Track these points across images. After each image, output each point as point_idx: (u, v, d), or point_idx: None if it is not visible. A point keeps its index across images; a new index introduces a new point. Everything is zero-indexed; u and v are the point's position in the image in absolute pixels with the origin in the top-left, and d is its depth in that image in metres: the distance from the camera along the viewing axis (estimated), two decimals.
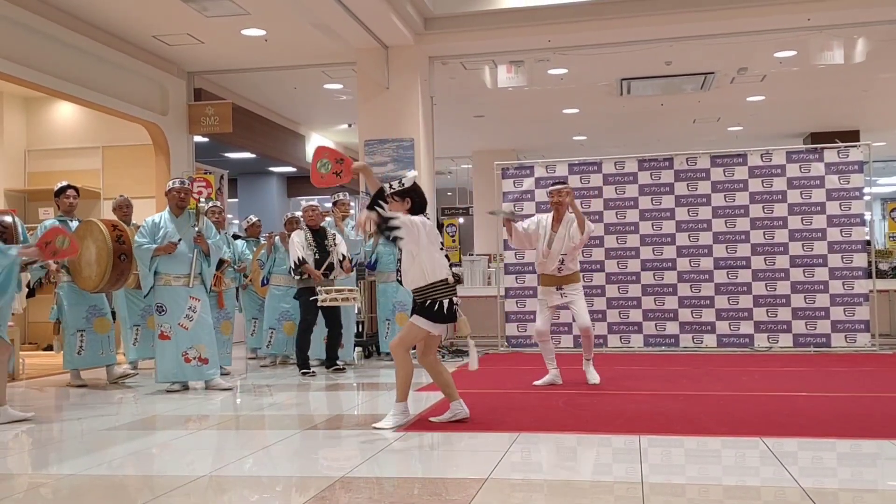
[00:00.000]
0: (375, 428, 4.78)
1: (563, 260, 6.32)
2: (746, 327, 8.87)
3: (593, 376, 6.47)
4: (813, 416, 5.03)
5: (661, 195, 9.15)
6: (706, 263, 8.99)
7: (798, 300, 8.77)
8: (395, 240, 4.75)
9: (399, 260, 8.41)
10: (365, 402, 6.08)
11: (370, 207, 4.85)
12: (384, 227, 4.68)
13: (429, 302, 4.84)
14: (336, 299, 6.96)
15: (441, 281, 4.85)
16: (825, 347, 8.64)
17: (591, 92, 12.29)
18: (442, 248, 4.96)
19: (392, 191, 4.89)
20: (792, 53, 10.34)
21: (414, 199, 4.88)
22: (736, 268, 8.93)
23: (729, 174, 9.04)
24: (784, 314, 8.79)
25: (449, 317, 4.89)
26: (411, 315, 4.97)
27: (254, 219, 9.52)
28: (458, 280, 4.92)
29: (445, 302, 4.85)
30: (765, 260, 8.88)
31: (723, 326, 8.92)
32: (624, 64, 10.78)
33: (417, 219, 4.80)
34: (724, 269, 8.95)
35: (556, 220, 6.40)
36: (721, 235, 9.00)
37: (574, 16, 9.32)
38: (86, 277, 6.71)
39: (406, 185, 4.88)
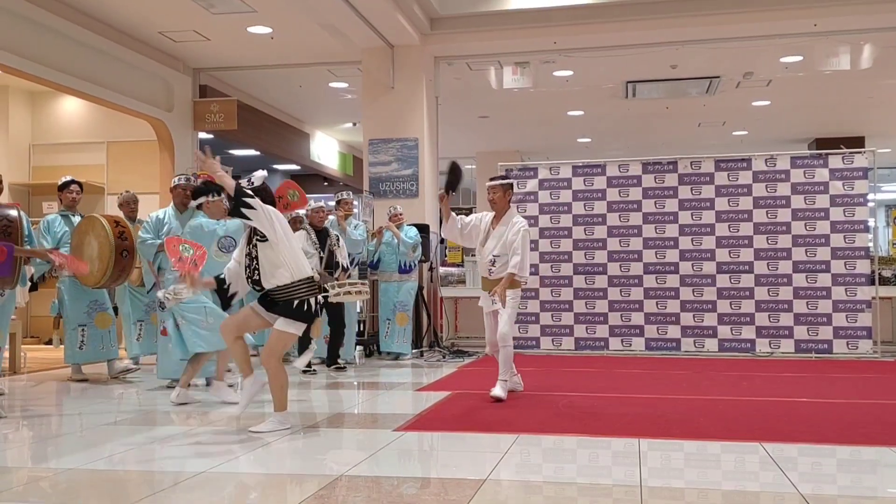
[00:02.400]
0: (252, 431, 4.65)
1: (493, 261, 5.84)
2: (748, 332, 8.86)
3: (496, 390, 5.77)
4: (813, 422, 5.02)
5: (665, 199, 9.14)
6: (709, 268, 8.98)
7: (800, 306, 8.76)
8: (241, 215, 4.52)
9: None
10: (365, 401, 6.08)
11: (235, 206, 4.54)
12: (237, 199, 4.49)
13: (297, 302, 4.63)
14: (350, 293, 6.91)
15: (308, 279, 4.68)
16: (827, 354, 8.63)
17: (596, 94, 12.29)
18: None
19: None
20: (798, 59, 10.33)
21: (263, 199, 4.70)
22: (738, 272, 8.92)
23: (733, 178, 9.03)
24: (786, 320, 8.78)
25: (313, 316, 4.73)
26: (269, 313, 4.70)
27: None
28: (314, 279, 4.68)
29: (312, 301, 4.69)
30: (767, 265, 8.87)
31: (724, 331, 8.91)
32: (629, 67, 10.77)
33: (272, 210, 4.65)
34: (727, 273, 8.94)
35: (496, 218, 5.97)
36: (724, 240, 8.99)
37: (580, 18, 9.32)
38: (87, 273, 6.71)
39: (255, 185, 4.77)
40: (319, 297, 4.74)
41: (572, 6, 9.24)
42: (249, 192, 4.61)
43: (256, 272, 4.70)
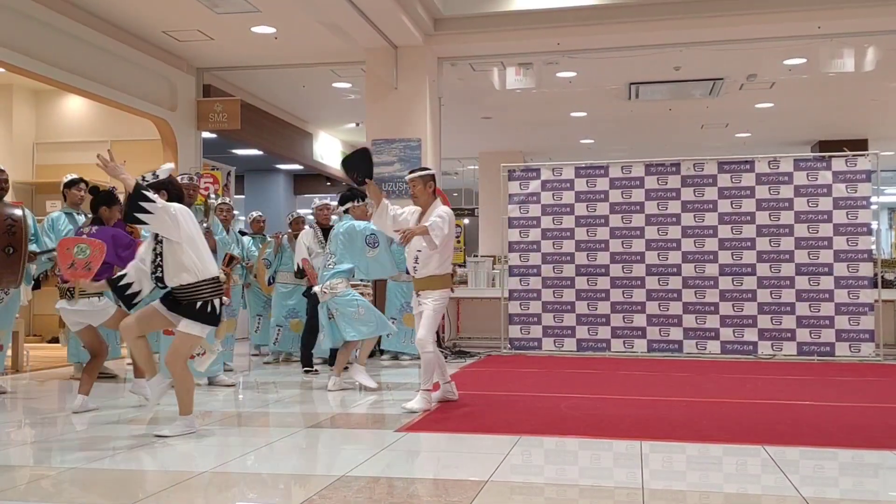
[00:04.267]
0: (157, 435, 4.54)
1: (416, 258, 5.52)
2: (750, 335, 8.85)
3: (412, 402, 5.46)
4: (815, 425, 5.02)
5: (668, 200, 9.13)
6: (711, 269, 8.98)
7: (803, 308, 8.75)
8: (137, 221, 4.38)
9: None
10: (367, 402, 6.09)
11: (129, 211, 4.39)
12: (131, 205, 4.31)
13: (200, 303, 4.50)
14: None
15: (213, 279, 4.56)
16: (829, 356, 8.62)
17: (600, 95, 12.28)
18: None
19: (146, 183, 4.56)
20: (801, 61, 10.32)
21: (171, 192, 4.58)
22: (741, 275, 8.91)
23: (736, 180, 9.03)
24: (788, 322, 8.77)
25: (218, 318, 4.60)
26: (171, 312, 4.58)
27: (254, 214, 9.54)
28: (220, 280, 4.59)
29: (216, 302, 4.56)
30: (770, 267, 8.86)
31: (727, 333, 8.90)
32: (633, 68, 10.77)
33: (177, 207, 4.52)
34: (729, 275, 8.93)
35: (422, 213, 5.67)
36: (727, 242, 8.98)
37: (584, 19, 9.31)
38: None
39: (161, 178, 4.61)
40: (225, 298, 4.54)
41: (576, 7, 9.23)
42: (149, 195, 4.38)
43: (160, 269, 4.55)
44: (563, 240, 9.32)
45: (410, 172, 5.78)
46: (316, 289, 6.49)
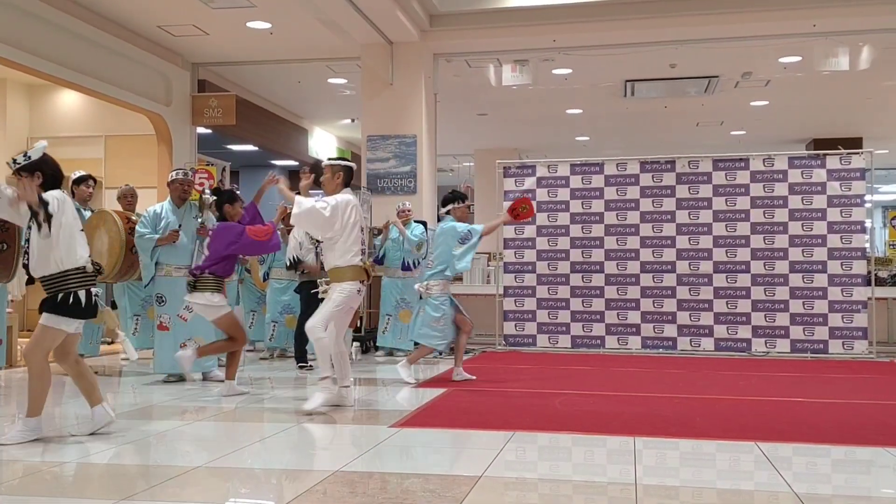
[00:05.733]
0: None
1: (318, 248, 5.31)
2: (744, 332, 8.87)
3: (311, 400, 5.21)
4: (808, 421, 5.04)
5: (663, 198, 9.15)
6: (706, 267, 8.99)
7: (797, 306, 8.78)
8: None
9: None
10: (361, 397, 6.09)
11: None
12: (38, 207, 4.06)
13: (61, 295, 4.20)
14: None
15: (77, 269, 4.25)
16: (822, 354, 8.65)
17: (595, 93, 12.30)
18: (82, 230, 4.42)
19: (17, 166, 4.22)
20: (797, 59, 10.34)
21: (45, 173, 4.24)
22: (735, 272, 8.93)
23: (731, 178, 9.04)
24: (782, 319, 8.80)
25: (87, 311, 4.29)
26: (40, 312, 4.29)
27: None
28: (98, 270, 4.42)
29: (82, 294, 4.24)
30: (764, 265, 8.88)
31: (720, 330, 8.92)
32: (628, 65, 10.78)
33: (57, 195, 4.24)
34: (724, 273, 8.95)
35: None
36: (721, 239, 9.00)
37: (580, 16, 9.32)
38: None
39: (34, 158, 4.22)
40: (93, 289, 4.30)
41: (572, 4, 9.24)
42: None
43: (26, 256, 4.37)
44: (557, 237, 9.33)
45: (327, 159, 5.65)
46: (417, 286, 6.69)
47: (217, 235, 5.95)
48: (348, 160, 5.68)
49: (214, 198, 7.72)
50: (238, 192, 6.40)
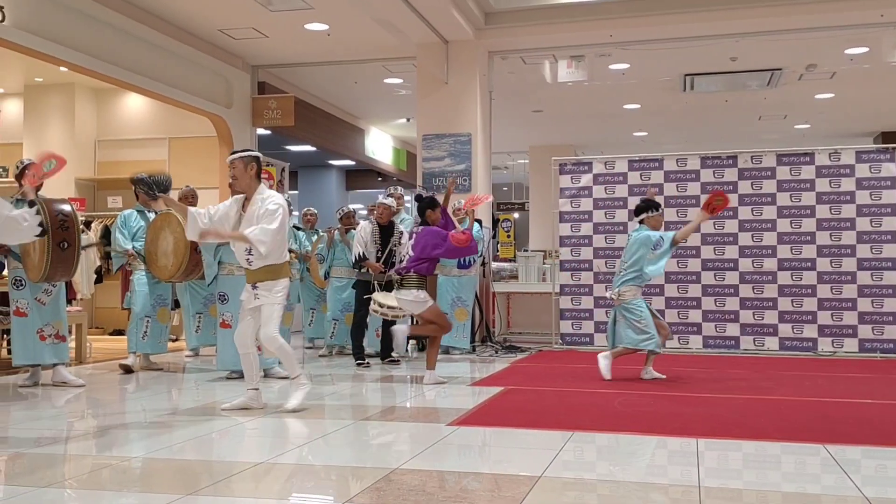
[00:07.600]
0: None
1: (249, 250, 5.06)
2: (810, 331, 8.64)
3: (292, 400, 5.21)
4: (878, 423, 4.88)
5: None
6: (769, 264, 8.79)
7: (865, 304, 8.51)
8: None
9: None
10: (418, 395, 6.12)
11: None
12: None
13: None
14: (386, 315, 6.91)
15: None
16: (892, 353, 8.37)
17: (653, 87, 12.12)
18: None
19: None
20: (863, 50, 10.03)
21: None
22: (800, 269, 8.70)
23: (795, 173, 8.82)
24: (850, 318, 8.54)
25: None
26: None
27: (305, 209, 9.68)
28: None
29: None
30: (831, 262, 8.64)
31: (785, 329, 8.71)
32: (687, 59, 10.59)
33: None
34: (788, 270, 8.74)
35: (246, 200, 5.17)
36: (786, 236, 8.78)
37: (636, 10, 9.19)
38: (161, 267, 6.93)
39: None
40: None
41: None
42: None
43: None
44: (615, 234, 9.22)
45: (230, 154, 5.25)
46: (608, 293, 6.85)
47: (422, 238, 6.43)
48: (253, 151, 5.33)
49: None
50: (437, 200, 6.82)
